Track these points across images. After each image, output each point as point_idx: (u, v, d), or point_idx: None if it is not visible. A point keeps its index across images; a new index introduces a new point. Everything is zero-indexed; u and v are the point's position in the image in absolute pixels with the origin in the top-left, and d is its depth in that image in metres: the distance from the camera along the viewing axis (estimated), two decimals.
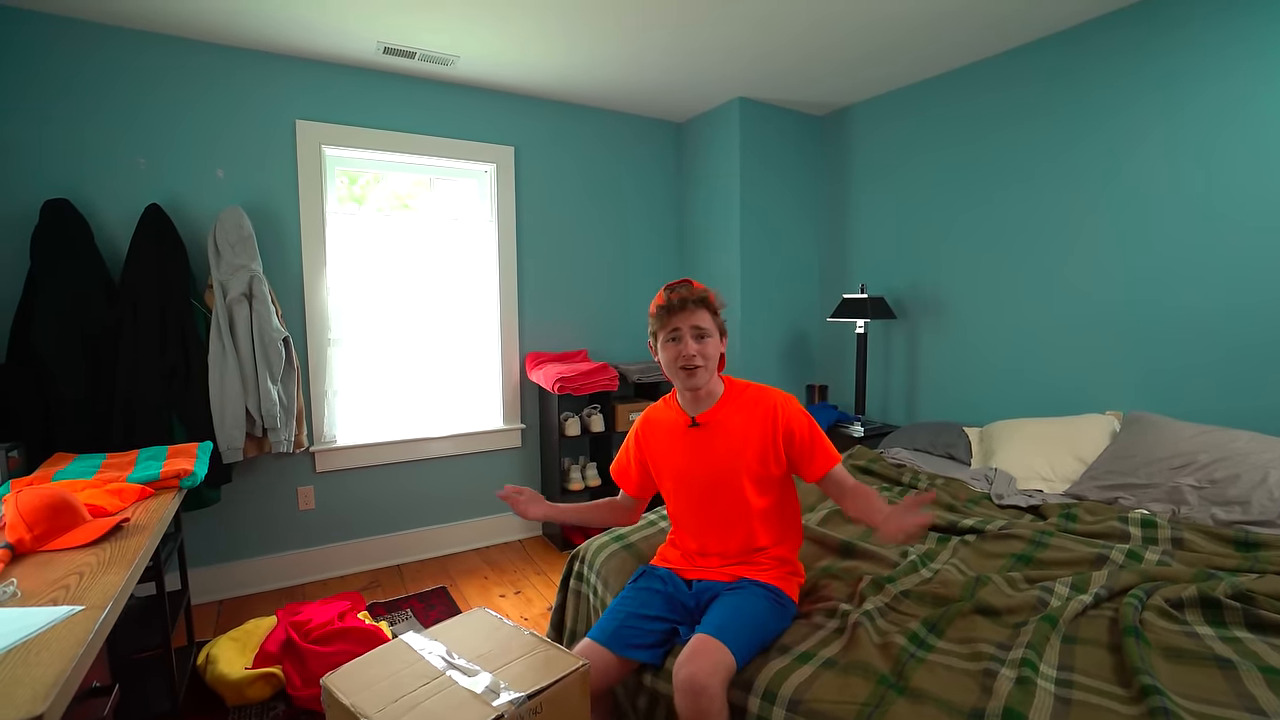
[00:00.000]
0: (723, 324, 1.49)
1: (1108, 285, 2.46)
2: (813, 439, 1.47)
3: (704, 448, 1.49)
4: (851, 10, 2.34)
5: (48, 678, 0.86)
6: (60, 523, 1.35)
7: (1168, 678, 1.15)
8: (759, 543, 1.50)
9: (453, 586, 2.83)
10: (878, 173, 3.30)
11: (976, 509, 2.06)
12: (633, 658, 1.40)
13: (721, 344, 1.49)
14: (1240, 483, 1.86)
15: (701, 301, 1.45)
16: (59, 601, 1.09)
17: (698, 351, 1.43)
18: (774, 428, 1.46)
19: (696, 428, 1.50)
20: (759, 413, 1.47)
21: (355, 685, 1.16)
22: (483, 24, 2.43)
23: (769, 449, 1.46)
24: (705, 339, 1.44)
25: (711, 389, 1.50)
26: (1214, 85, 2.14)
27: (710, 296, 1.47)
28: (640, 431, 1.62)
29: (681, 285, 1.48)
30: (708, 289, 1.49)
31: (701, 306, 1.45)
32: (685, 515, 1.56)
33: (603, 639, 1.40)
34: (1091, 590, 1.46)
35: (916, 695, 1.14)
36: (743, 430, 1.47)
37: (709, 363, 1.45)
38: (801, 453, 1.46)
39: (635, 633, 1.42)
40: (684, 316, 1.43)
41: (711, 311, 1.46)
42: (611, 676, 1.39)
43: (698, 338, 1.44)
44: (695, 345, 1.43)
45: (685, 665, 1.21)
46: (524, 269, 3.31)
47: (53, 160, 2.34)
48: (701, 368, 1.44)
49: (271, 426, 2.51)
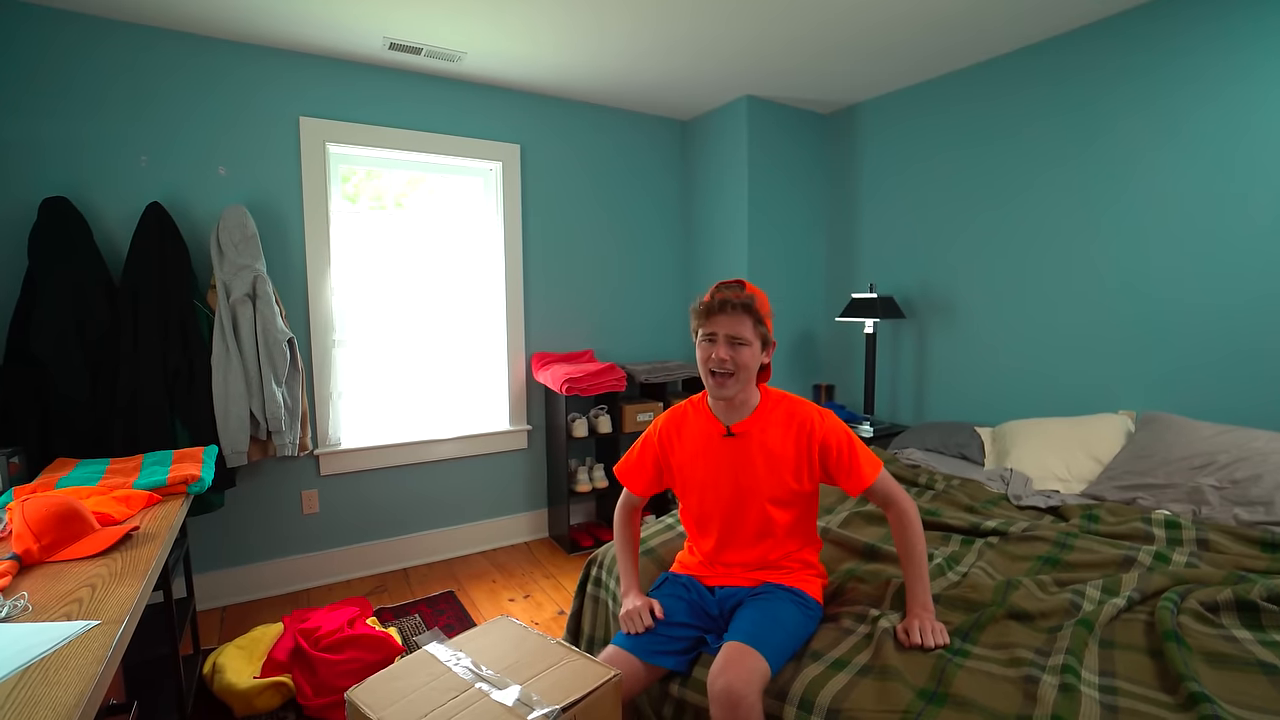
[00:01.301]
0: (767, 334, 1.41)
1: (1119, 285, 2.45)
2: (851, 452, 1.41)
3: (737, 459, 1.44)
4: (859, 8, 2.31)
5: (69, 698, 0.82)
6: (69, 532, 1.31)
7: (1212, 683, 1.13)
8: (781, 550, 1.47)
9: (460, 591, 2.78)
10: (886, 171, 3.28)
11: (996, 510, 2.04)
12: (660, 664, 1.37)
13: (765, 354, 1.42)
14: (1262, 483, 1.85)
15: (745, 307, 1.36)
16: (72, 615, 1.04)
17: (729, 357, 1.36)
18: (810, 442, 1.41)
19: (731, 438, 1.44)
20: (795, 426, 1.42)
21: (382, 700, 1.12)
22: (490, 19, 2.38)
23: (803, 464, 1.42)
24: (741, 347, 1.37)
25: (747, 398, 1.44)
26: (1231, 85, 2.13)
27: (758, 302, 1.39)
28: (663, 432, 1.55)
29: (732, 285, 1.40)
30: (758, 293, 1.40)
31: (744, 313, 1.36)
32: (707, 523, 1.52)
33: (629, 646, 1.38)
34: (1124, 593, 1.44)
35: (960, 703, 1.11)
36: (779, 444, 1.42)
37: (741, 372, 1.38)
38: (839, 466, 1.41)
39: (662, 640, 1.39)
40: (722, 321, 1.37)
41: (755, 319, 1.37)
42: (639, 685, 1.36)
43: (733, 344, 1.37)
44: (727, 351, 1.36)
45: (721, 675, 1.18)
46: (530, 268, 3.27)
47: (52, 158, 2.28)
48: (730, 376, 1.37)
49: (276, 429, 2.46)
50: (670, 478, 1.55)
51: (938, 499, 2.17)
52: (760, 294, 1.41)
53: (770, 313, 1.42)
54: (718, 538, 1.50)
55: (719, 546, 1.51)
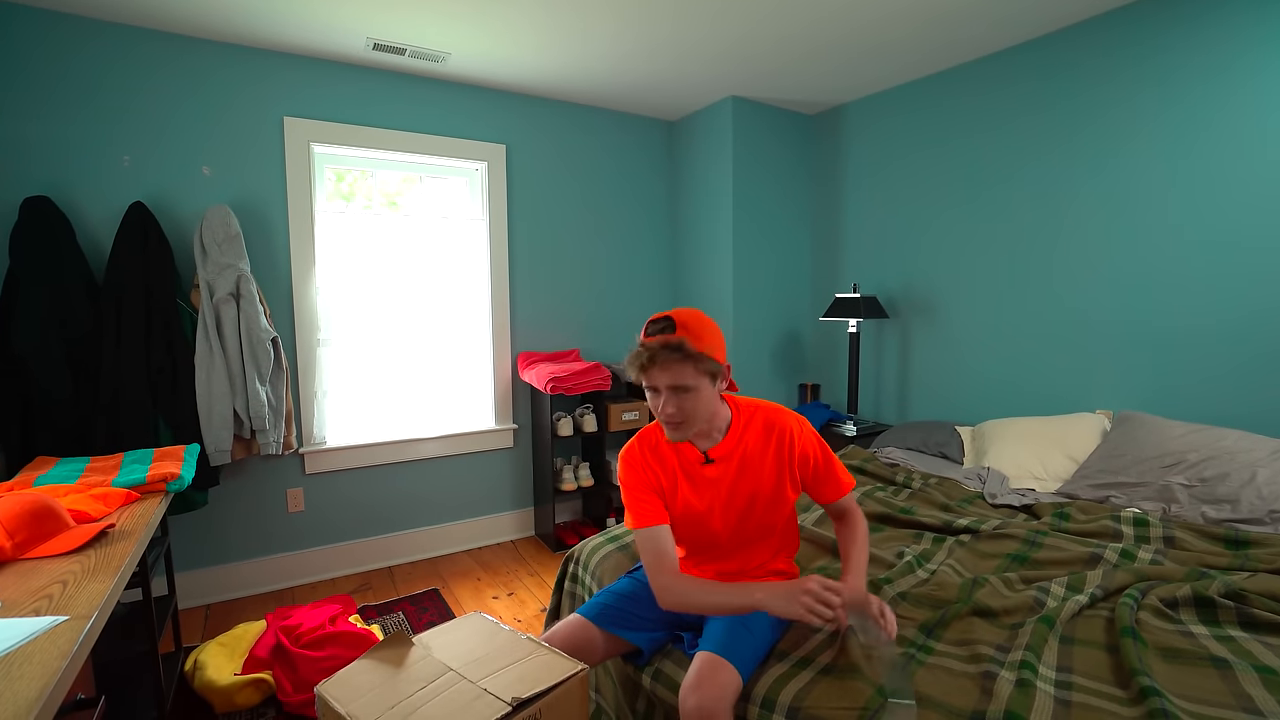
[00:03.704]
0: (715, 366, 1.26)
1: (1098, 285, 2.47)
2: (828, 465, 1.40)
3: (720, 484, 1.38)
4: (845, 9, 2.33)
5: (30, 692, 0.83)
6: (42, 529, 1.32)
7: (1165, 678, 1.15)
8: (757, 560, 1.48)
9: (445, 588, 2.80)
10: (870, 171, 3.30)
11: (970, 508, 2.07)
12: (618, 635, 1.38)
13: (718, 384, 1.31)
14: (1229, 481, 1.88)
15: (679, 351, 1.21)
16: (41, 612, 1.05)
17: (677, 409, 1.26)
18: (790, 453, 1.37)
19: (711, 464, 1.38)
20: (774, 438, 1.38)
21: (350, 693, 1.14)
22: (474, 20, 2.40)
23: (785, 475, 1.38)
24: (686, 395, 1.24)
25: (715, 423, 1.36)
26: (1201, 88, 2.16)
27: (694, 341, 1.22)
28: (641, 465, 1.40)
29: (662, 324, 1.25)
30: (693, 327, 1.24)
31: (679, 359, 1.22)
32: (685, 544, 1.48)
33: (589, 614, 1.40)
34: (1087, 590, 1.46)
35: (917, 699, 1.13)
36: (758, 460, 1.37)
37: (693, 417, 1.28)
38: (816, 478, 1.40)
39: (623, 615, 1.41)
40: (659, 374, 1.24)
41: (695, 360, 1.22)
42: (596, 655, 1.36)
43: (677, 394, 1.24)
44: (674, 404, 1.25)
45: (693, 694, 1.18)
46: (516, 268, 3.28)
47: (34, 157, 2.29)
48: (683, 424, 1.28)
49: (260, 428, 2.47)
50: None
51: (914, 497, 2.19)
52: (697, 326, 1.26)
53: (715, 340, 1.27)
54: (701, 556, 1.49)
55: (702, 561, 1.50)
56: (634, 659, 1.45)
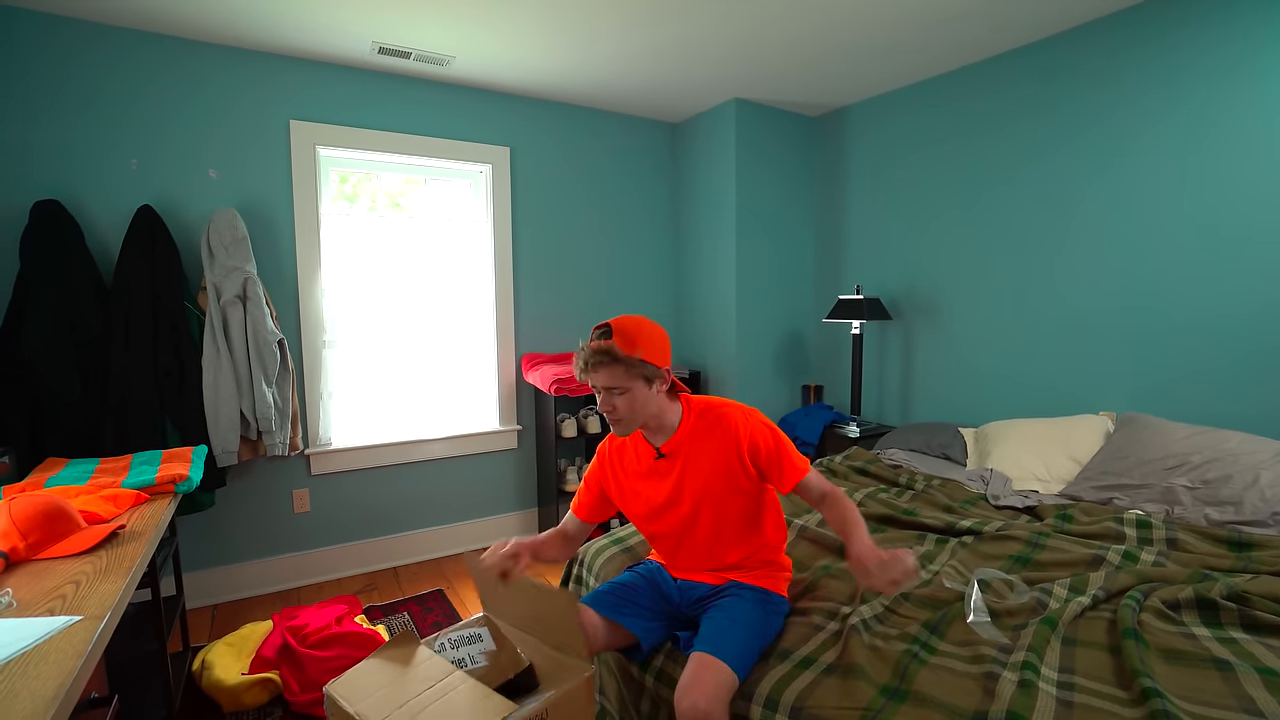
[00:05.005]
0: (651, 368, 1.34)
1: (1102, 287, 2.48)
2: (779, 452, 1.40)
3: (673, 477, 1.44)
4: (849, 14, 2.34)
5: (47, 690, 0.85)
6: (55, 530, 1.34)
7: (1167, 680, 1.16)
8: (740, 554, 1.48)
9: (450, 589, 2.81)
10: (874, 173, 3.31)
11: (973, 510, 2.07)
12: (617, 621, 1.41)
13: (658, 387, 1.38)
14: (1232, 483, 1.89)
15: (608, 355, 1.32)
16: (56, 611, 1.07)
17: (613, 407, 1.36)
18: (738, 445, 1.40)
19: (663, 459, 1.45)
20: (720, 433, 1.41)
21: (358, 692, 1.15)
22: (478, 24, 2.41)
23: (737, 467, 1.40)
24: (620, 395, 1.34)
25: (664, 420, 1.43)
26: (1207, 89, 2.16)
27: (626, 345, 1.32)
28: (609, 460, 1.55)
29: (601, 330, 1.35)
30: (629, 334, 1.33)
31: (609, 362, 1.32)
32: (659, 541, 1.55)
33: (590, 601, 1.45)
34: (1089, 592, 1.47)
35: (919, 699, 1.14)
36: (710, 455, 1.41)
37: (630, 416, 1.37)
38: (769, 466, 1.41)
39: (622, 602, 1.45)
40: (596, 376, 1.34)
41: (626, 364, 1.32)
42: (599, 642, 1.40)
43: (612, 394, 1.35)
44: (609, 403, 1.36)
45: (687, 695, 1.20)
46: (520, 270, 3.30)
47: (43, 161, 2.31)
48: (621, 421, 1.38)
49: (266, 429, 2.49)
50: (620, 502, 1.55)
51: (916, 499, 2.20)
52: (632, 332, 1.34)
53: (652, 345, 1.35)
54: (673, 550, 1.53)
55: (674, 556, 1.55)
56: (633, 655, 1.47)
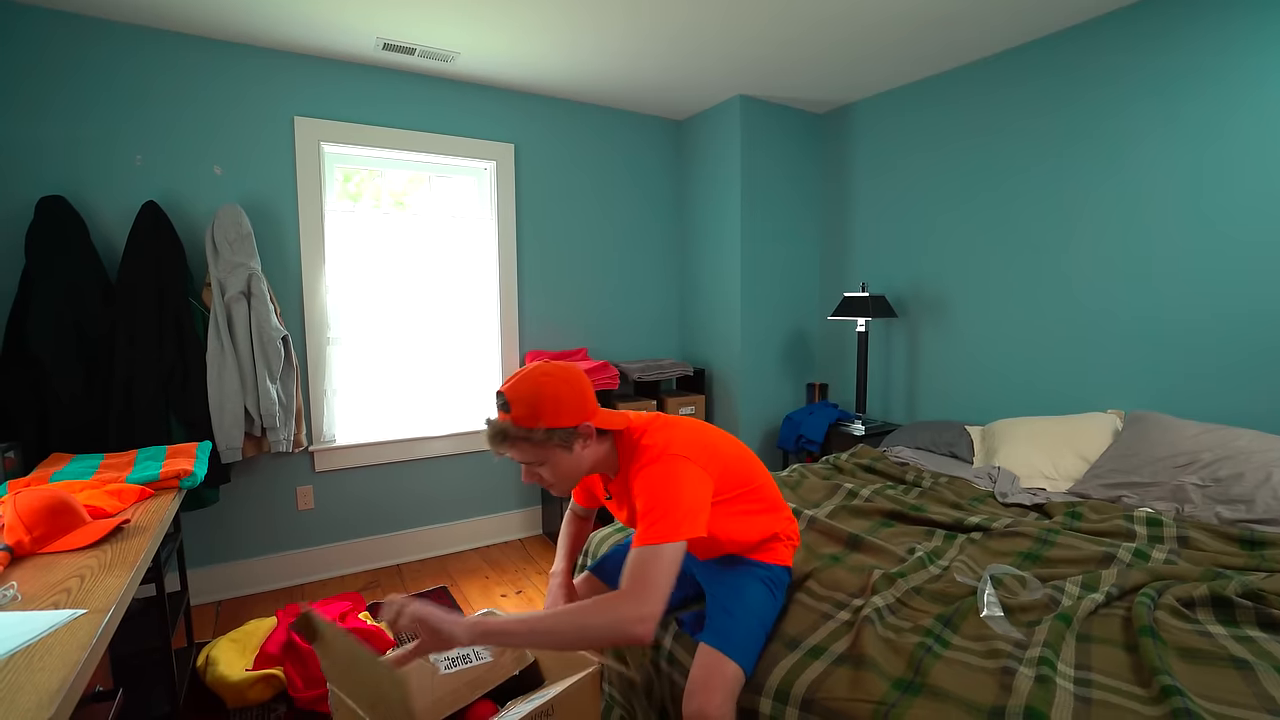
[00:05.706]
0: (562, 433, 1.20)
1: (1109, 284, 2.46)
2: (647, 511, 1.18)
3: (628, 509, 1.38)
4: (853, 10, 2.33)
5: (52, 684, 0.84)
6: (60, 524, 1.33)
7: (1186, 678, 1.14)
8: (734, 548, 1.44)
9: (453, 586, 2.80)
10: (879, 170, 3.29)
11: (981, 507, 2.06)
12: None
13: (579, 445, 1.24)
14: (1244, 481, 1.87)
15: (510, 434, 1.20)
16: (60, 605, 1.06)
17: (538, 478, 1.28)
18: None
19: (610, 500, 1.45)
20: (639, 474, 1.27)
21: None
22: (483, 20, 2.40)
23: None
24: (538, 467, 1.24)
25: (606, 465, 1.35)
26: (1212, 87, 2.14)
27: (522, 421, 1.18)
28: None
29: (499, 401, 1.21)
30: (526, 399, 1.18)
31: (515, 440, 1.20)
32: None
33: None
34: (1102, 589, 1.45)
35: (936, 693, 1.12)
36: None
37: (561, 480, 1.28)
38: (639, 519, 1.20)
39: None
40: (508, 452, 1.23)
41: (531, 439, 1.19)
42: None
43: (530, 468, 1.26)
44: (533, 475, 1.28)
45: (694, 698, 1.19)
46: (524, 267, 3.29)
47: (49, 157, 2.30)
48: (554, 486, 1.30)
49: (270, 426, 2.48)
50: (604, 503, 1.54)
51: (924, 495, 2.18)
52: (532, 398, 1.19)
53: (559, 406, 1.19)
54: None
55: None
56: None
